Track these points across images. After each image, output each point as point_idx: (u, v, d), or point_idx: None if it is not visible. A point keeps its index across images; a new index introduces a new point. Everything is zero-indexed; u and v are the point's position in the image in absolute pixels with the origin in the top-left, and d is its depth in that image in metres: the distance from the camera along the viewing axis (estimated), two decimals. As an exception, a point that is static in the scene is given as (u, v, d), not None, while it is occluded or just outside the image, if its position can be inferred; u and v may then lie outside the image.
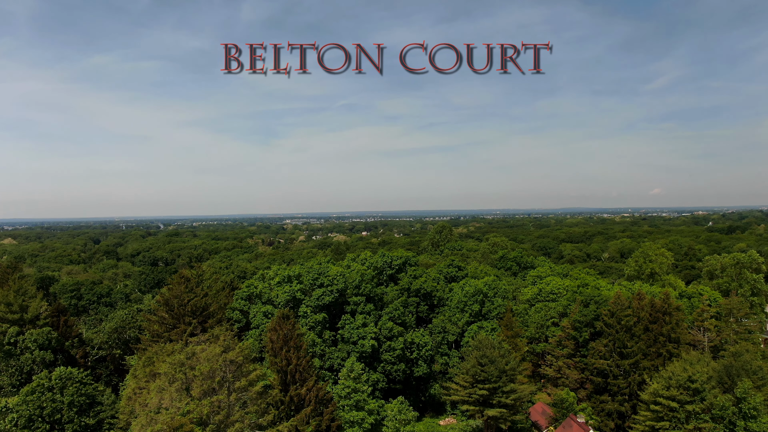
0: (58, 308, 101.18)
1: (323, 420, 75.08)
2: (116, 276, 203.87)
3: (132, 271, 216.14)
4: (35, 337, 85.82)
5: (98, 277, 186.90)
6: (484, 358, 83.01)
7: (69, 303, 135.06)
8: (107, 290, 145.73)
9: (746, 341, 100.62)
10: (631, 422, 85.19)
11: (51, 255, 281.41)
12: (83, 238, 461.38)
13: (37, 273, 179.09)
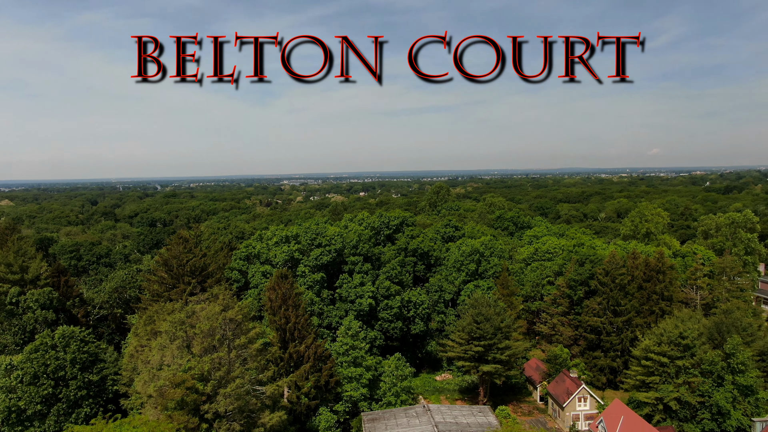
0: (58, 269, 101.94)
1: (322, 376, 76.80)
2: (115, 237, 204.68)
3: (130, 232, 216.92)
4: (36, 297, 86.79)
5: (97, 238, 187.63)
6: (479, 316, 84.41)
7: (69, 264, 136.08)
8: (106, 251, 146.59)
9: (738, 299, 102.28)
10: (622, 377, 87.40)
11: (49, 216, 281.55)
12: (80, 199, 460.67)
13: (35, 234, 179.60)
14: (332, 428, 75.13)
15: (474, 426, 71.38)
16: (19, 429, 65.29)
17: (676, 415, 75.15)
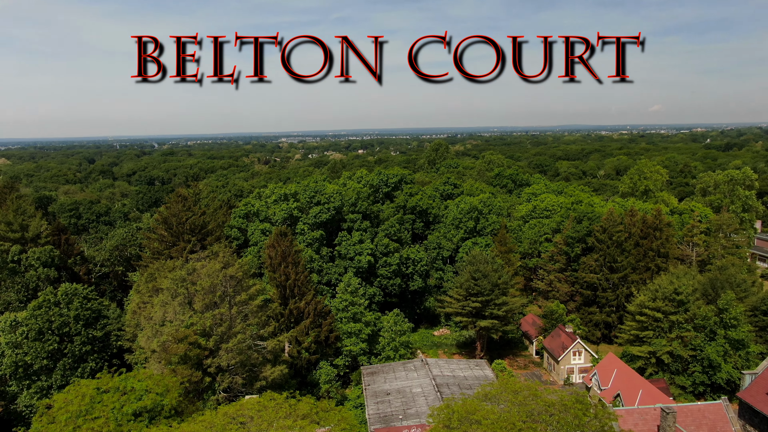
0: (58, 227, 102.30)
1: (322, 331, 78.19)
2: (113, 195, 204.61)
3: (129, 190, 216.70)
4: (38, 255, 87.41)
5: (96, 196, 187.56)
6: (477, 273, 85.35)
7: (68, 222, 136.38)
8: (105, 209, 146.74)
9: (733, 256, 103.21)
10: (616, 332, 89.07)
11: (46, 175, 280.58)
12: (78, 157, 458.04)
13: (34, 193, 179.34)
14: (332, 381, 76.96)
15: (471, 379, 73.12)
16: (26, 383, 66.82)
17: (668, 368, 76.95)
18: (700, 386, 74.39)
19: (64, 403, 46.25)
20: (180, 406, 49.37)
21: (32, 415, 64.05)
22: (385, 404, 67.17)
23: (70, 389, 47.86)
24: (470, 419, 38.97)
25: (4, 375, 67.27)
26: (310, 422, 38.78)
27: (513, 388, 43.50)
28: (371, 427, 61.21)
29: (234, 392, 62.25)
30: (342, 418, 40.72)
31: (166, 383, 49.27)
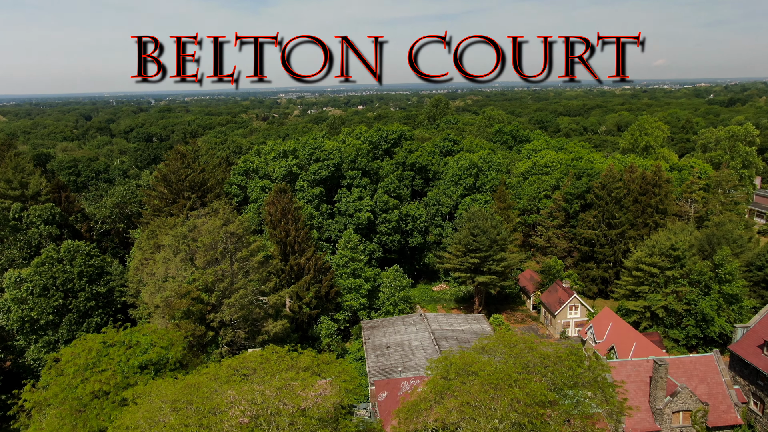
0: (57, 184, 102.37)
1: (322, 286, 79.32)
2: (111, 152, 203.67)
3: (127, 147, 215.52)
4: (39, 213, 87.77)
5: (94, 153, 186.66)
6: (476, 229, 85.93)
7: (68, 179, 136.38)
8: (104, 166, 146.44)
9: (731, 212, 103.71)
10: (613, 287, 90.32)
11: (43, 132, 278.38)
12: (74, 114, 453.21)
13: (32, 150, 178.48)
14: (333, 335, 78.59)
15: (469, 333, 74.63)
16: (33, 337, 68.22)
17: (662, 322, 78.43)
18: (693, 339, 75.98)
19: (71, 356, 47.37)
20: (184, 359, 50.59)
21: (40, 368, 65.67)
22: (385, 357, 68.78)
23: (77, 343, 48.92)
24: (467, 371, 40.03)
25: (11, 330, 68.61)
26: (312, 374, 39.79)
27: (509, 341, 44.50)
28: (371, 378, 62.85)
29: (237, 346, 63.67)
30: (342, 370, 41.76)
31: (171, 337, 50.33)
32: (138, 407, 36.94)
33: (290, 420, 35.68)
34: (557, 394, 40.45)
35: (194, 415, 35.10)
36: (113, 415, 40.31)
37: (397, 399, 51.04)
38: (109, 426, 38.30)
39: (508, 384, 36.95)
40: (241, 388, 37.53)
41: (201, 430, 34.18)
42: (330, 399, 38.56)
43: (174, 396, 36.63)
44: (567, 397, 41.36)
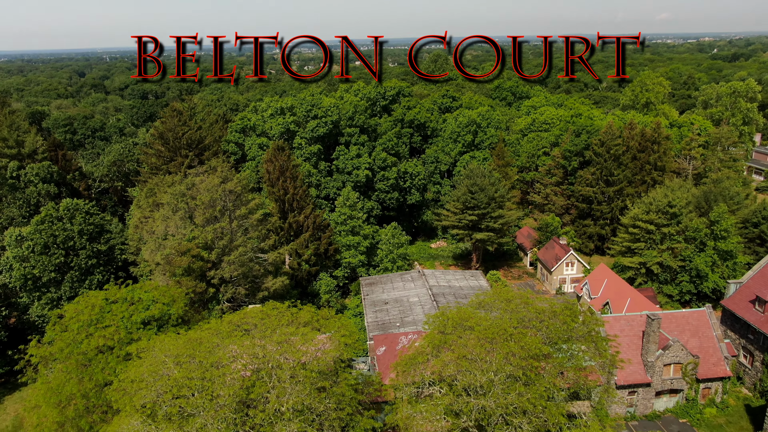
0: (54, 143, 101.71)
1: (321, 244, 79.95)
2: (107, 110, 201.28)
3: (122, 104, 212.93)
4: (36, 171, 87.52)
5: (89, 111, 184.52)
6: (474, 186, 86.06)
7: (64, 138, 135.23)
8: (100, 124, 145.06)
9: (729, 169, 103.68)
10: (609, 243, 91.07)
11: (37, 89, 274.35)
12: (67, 71, 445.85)
13: (26, 108, 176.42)
14: (332, 292, 79.64)
15: (466, 289, 75.71)
16: (36, 294, 69.13)
17: (657, 278, 79.49)
18: (687, 295, 77.17)
19: (74, 313, 48.18)
20: (186, 315, 51.49)
21: (45, 324, 66.82)
22: (383, 313, 69.97)
23: (80, 300, 49.69)
24: (464, 325, 40.89)
25: (14, 287, 69.43)
26: (312, 329, 40.64)
27: (506, 297, 45.29)
28: (370, 333, 64.10)
29: (237, 302, 64.67)
30: (342, 325, 42.63)
31: (172, 294, 51.10)
32: (142, 361, 37.85)
33: (291, 373, 36.64)
34: (551, 348, 41.46)
35: (197, 368, 36.02)
36: (118, 369, 41.31)
37: (396, 353, 52.20)
38: (115, 379, 39.30)
39: (503, 338, 37.82)
40: (242, 343, 38.40)
41: (204, 383, 35.14)
42: (329, 353, 39.50)
43: (177, 350, 37.50)
44: (561, 350, 42.42)
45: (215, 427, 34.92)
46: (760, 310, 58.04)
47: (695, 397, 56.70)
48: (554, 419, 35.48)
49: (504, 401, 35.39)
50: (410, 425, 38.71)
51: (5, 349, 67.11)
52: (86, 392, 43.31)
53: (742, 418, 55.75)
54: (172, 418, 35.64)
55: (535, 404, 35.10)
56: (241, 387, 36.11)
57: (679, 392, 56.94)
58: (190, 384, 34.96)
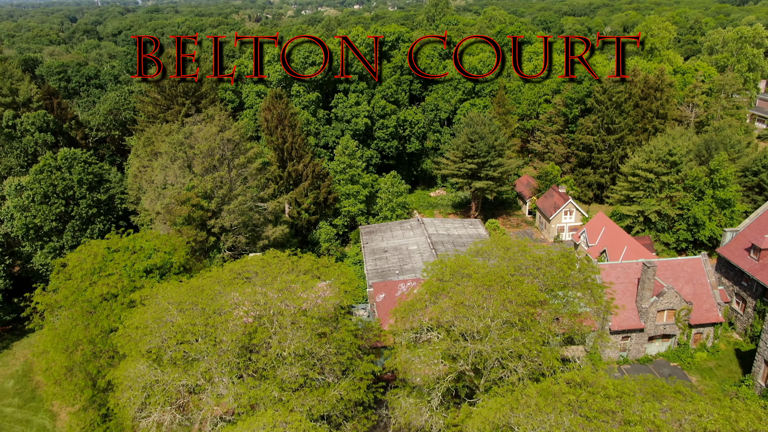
0: (48, 91, 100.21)
1: (320, 192, 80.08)
2: (101, 57, 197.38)
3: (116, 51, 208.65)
4: (32, 120, 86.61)
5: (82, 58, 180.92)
6: (474, 135, 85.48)
7: (58, 86, 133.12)
8: (95, 72, 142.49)
9: (732, 117, 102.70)
10: (608, 192, 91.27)
11: (28, 35, 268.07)
12: (58, 16, 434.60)
13: (18, 55, 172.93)
14: (332, 240, 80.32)
15: (465, 237, 76.34)
16: (39, 243, 69.74)
17: (654, 226, 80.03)
18: (683, 243, 77.90)
19: (77, 261, 48.78)
20: (188, 263, 52.14)
21: (48, 272, 67.74)
22: (383, 261, 70.81)
23: (82, 249, 50.21)
24: (462, 273, 41.50)
25: (17, 236, 69.96)
26: (312, 277, 41.25)
27: (504, 245, 45.76)
28: (369, 281, 65.07)
29: (238, 251, 65.32)
30: (341, 272, 43.24)
31: (173, 243, 51.58)
32: (146, 308, 38.62)
33: (292, 319, 37.44)
34: (548, 295, 42.22)
35: (200, 315, 36.80)
36: (123, 316, 42.18)
37: (395, 300, 53.18)
38: (120, 326, 40.19)
39: (500, 285, 38.45)
40: (244, 290, 39.06)
41: (207, 329, 35.96)
42: (329, 300, 40.23)
43: (180, 298, 38.20)
44: (557, 297, 43.21)
45: (219, 371, 35.98)
46: (754, 258, 58.75)
47: (687, 341, 58.12)
48: (548, 363, 36.50)
49: (500, 346, 36.31)
50: (409, 369, 39.87)
51: (11, 296, 68.31)
52: (92, 338, 44.39)
53: (732, 361, 57.34)
54: (177, 362, 36.69)
55: (531, 349, 36.02)
56: (243, 333, 36.98)
57: (672, 337, 58.32)
58: (194, 330, 35.80)
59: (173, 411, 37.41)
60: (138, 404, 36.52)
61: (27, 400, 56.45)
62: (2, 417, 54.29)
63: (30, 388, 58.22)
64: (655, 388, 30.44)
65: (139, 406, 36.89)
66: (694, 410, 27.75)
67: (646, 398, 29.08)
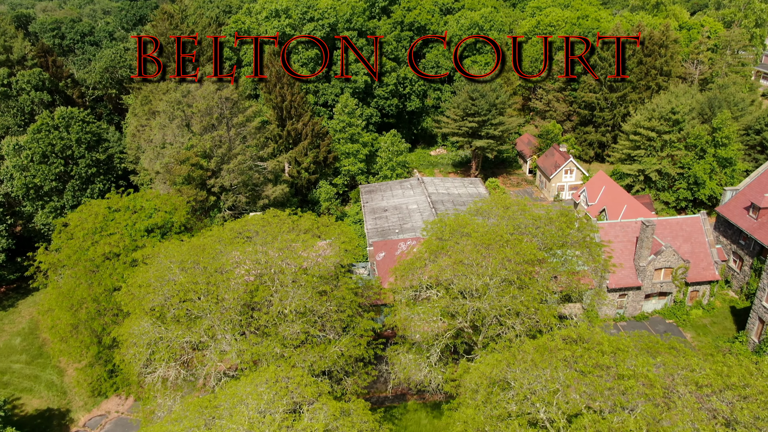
0: (42, 48, 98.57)
1: (320, 152, 79.75)
2: (95, 13, 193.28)
3: (110, 6, 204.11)
4: (28, 78, 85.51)
5: (76, 14, 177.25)
6: (475, 93, 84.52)
7: (52, 43, 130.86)
8: (89, 28, 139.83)
9: (736, 74, 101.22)
10: (610, 151, 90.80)
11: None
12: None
13: (10, 11, 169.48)
14: (332, 199, 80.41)
15: (465, 196, 76.41)
16: (40, 203, 69.88)
17: (654, 185, 79.97)
18: (683, 202, 77.97)
19: (79, 221, 49.04)
20: (189, 223, 52.42)
21: (50, 232, 68.11)
22: (383, 220, 71.09)
23: (83, 208, 50.40)
24: (461, 232, 41.74)
25: (17, 196, 70.06)
26: (312, 236, 41.54)
27: (503, 204, 45.88)
28: (369, 240, 65.48)
29: (238, 210, 65.52)
30: (341, 231, 43.51)
31: (174, 202, 51.72)
32: (148, 267, 39.04)
33: (293, 278, 37.90)
34: (546, 253, 42.58)
35: (202, 274, 37.23)
36: (125, 275, 42.69)
37: (395, 259, 53.62)
38: (123, 284, 40.70)
39: (499, 244, 38.73)
40: (245, 249, 39.41)
41: (209, 287, 36.44)
42: (330, 258, 40.62)
43: (181, 257, 38.56)
44: (555, 256, 43.57)
45: (222, 328, 36.64)
46: (753, 217, 58.94)
47: (683, 299, 58.89)
48: (546, 320, 37.11)
49: (498, 303, 36.84)
50: (408, 326, 40.57)
51: (14, 256, 68.90)
52: (96, 296, 45.04)
53: (726, 318, 58.22)
54: (180, 320, 37.33)
55: (528, 306, 36.57)
56: (245, 291, 37.50)
57: (668, 295, 59.07)
58: (196, 288, 36.28)
59: (178, 367, 38.28)
60: (143, 360, 37.35)
61: (34, 357, 57.64)
62: (11, 373, 55.54)
63: (37, 345, 59.35)
64: (649, 344, 31.05)
65: (144, 362, 37.75)
66: (686, 365, 28.37)
67: (641, 354, 29.70)
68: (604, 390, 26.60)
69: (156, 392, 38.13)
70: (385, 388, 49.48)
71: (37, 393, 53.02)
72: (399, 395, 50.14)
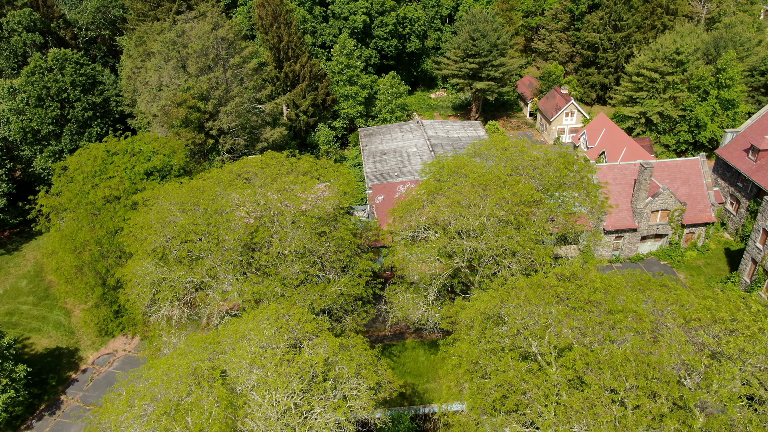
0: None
1: (318, 94, 78.85)
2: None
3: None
4: (18, 19, 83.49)
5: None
6: (476, 33, 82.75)
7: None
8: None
9: (745, 13, 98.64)
10: (612, 93, 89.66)
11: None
12: None
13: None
14: (331, 143, 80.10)
15: (464, 139, 76.07)
16: (38, 147, 69.67)
17: (655, 127, 79.41)
18: (684, 145, 77.63)
19: (78, 165, 49.15)
20: (188, 165, 52.51)
21: (50, 176, 68.20)
22: (382, 163, 71.07)
23: (81, 152, 50.37)
24: (459, 173, 41.89)
25: (14, 141, 69.78)
26: (311, 178, 41.68)
27: (502, 145, 45.80)
28: (369, 183, 65.69)
29: (237, 153, 65.45)
30: (340, 173, 43.63)
31: (172, 145, 51.65)
32: (149, 209, 39.42)
33: (292, 219, 38.33)
34: (544, 195, 42.86)
35: (202, 215, 37.64)
36: (126, 217, 43.12)
37: (393, 202, 53.97)
38: (125, 225, 41.20)
39: (497, 185, 38.94)
40: (244, 191, 39.67)
41: (210, 228, 36.93)
42: (329, 200, 40.95)
43: (181, 198, 38.88)
44: (553, 197, 43.86)
45: (223, 268, 37.38)
46: (752, 159, 58.88)
47: (678, 241, 59.61)
48: (541, 260, 37.75)
49: (495, 243, 37.40)
50: (406, 266, 41.33)
51: (15, 200, 69.30)
52: (99, 239, 45.68)
53: (720, 260, 59.13)
54: (182, 260, 38.03)
55: (524, 246, 37.13)
56: (245, 232, 38.01)
57: (664, 237, 59.75)
58: (197, 230, 36.77)
59: (181, 306, 39.28)
60: (147, 300, 38.30)
61: (41, 298, 58.94)
62: (20, 314, 56.94)
63: (43, 287, 60.58)
64: (641, 282, 31.74)
65: (148, 302, 38.71)
66: (676, 300, 29.12)
67: (633, 291, 30.42)
68: (594, 325, 27.42)
69: (161, 330, 39.27)
70: (384, 327, 50.86)
71: (45, 333, 54.53)
72: (397, 334, 51.59)
